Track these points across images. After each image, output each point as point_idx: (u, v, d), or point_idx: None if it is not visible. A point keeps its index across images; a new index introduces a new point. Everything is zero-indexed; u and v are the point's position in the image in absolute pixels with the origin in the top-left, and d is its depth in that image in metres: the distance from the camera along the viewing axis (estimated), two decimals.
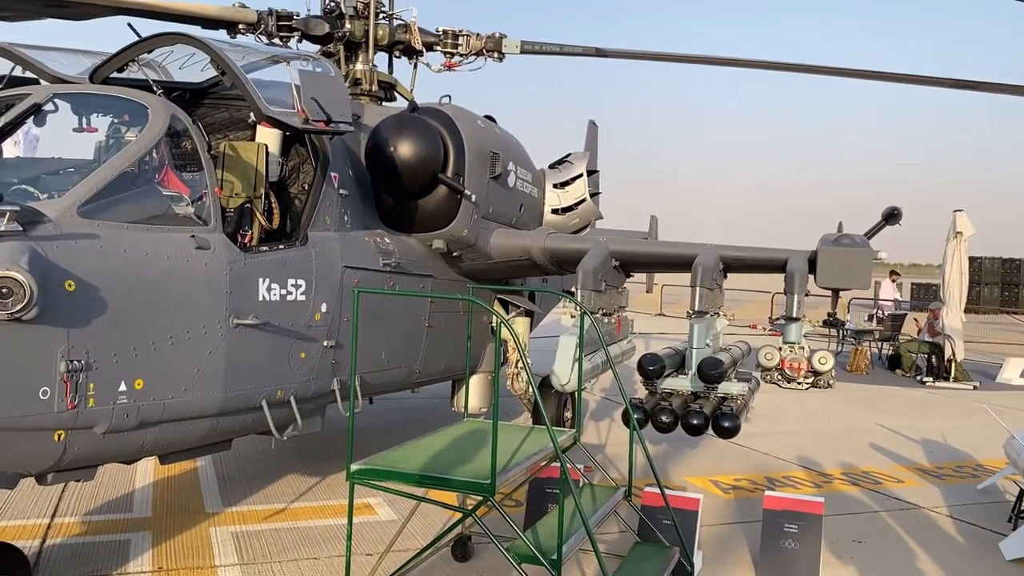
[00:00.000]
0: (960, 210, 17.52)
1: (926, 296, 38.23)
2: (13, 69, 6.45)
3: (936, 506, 8.48)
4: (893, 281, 24.98)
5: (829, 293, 8.64)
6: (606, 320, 8.63)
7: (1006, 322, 34.52)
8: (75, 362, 4.74)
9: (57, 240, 4.73)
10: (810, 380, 7.57)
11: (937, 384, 17.76)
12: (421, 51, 9.58)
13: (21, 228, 4.55)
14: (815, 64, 10.06)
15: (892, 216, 8.19)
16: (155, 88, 6.15)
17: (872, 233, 8.13)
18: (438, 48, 9.68)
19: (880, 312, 22.84)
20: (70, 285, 4.71)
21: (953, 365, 17.92)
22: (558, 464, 5.48)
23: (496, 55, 9.83)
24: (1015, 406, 14.75)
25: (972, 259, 27.22)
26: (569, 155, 10.94)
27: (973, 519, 8.05)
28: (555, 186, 10.35)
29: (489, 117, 9.06)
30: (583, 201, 10.49)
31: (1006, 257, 43.88)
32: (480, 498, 5.22)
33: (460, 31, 9.64)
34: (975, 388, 17.47)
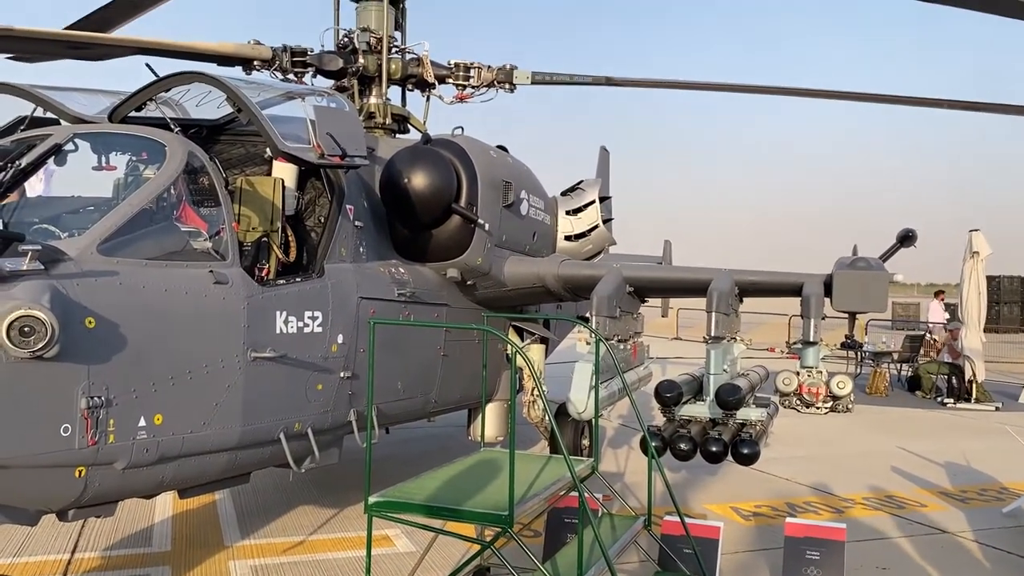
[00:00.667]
0: (976, 230, 17.39)
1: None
2: (35, 110, 6.57)
3: (961, 531, 8.35)
4: (940, 301, 24.51)
5: (846, 316, 8.62)
6: (621, 346, 8.62)
7: None
8: (95, 398, 4.78)
9: (77, 278, 4.80)
10: (829, 404, 7.54)
11: (958, 405, 17.56)
12: (433, 84, 9.67)
13: (43, 266, 4.62)
14: (827, 89, 10.09)
15: (907, 238, 8.15)
16: (172, 126, 6.25)
17: (887, 256, 8.10)
18: (450, 81, 9.78)
19: (930, 334, 22.48)
20: (90, 322, 4.76)
21: (974, 386, 17.71)
22: (576, 494, 5.46)
23: (507, 86, 9.91)
24: None
25: (990, 278, 26.90)
26: (581, 182, 10.99)
27: (999, 544, 7.92)
28: (567, 213, 10.38)
29: (501, 147, 9.13)
30: (596, 227, 10.52)
31: None
32: (498, 529, 5.19)
33: (472, 64, 9.74)
34: (997, 409, 17.25)
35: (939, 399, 18.25)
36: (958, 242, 17.76)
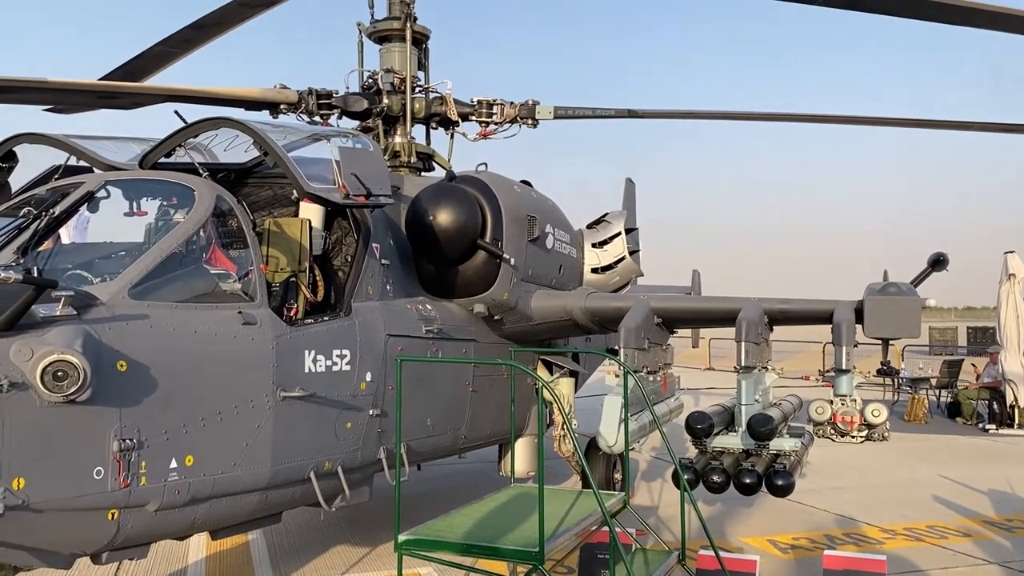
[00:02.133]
0: (1012, 252, 17.13)
1: (983, 340, 37.12)
2: (68, 159, 6.70)
3: (1008, 560, 8.11)
4: None
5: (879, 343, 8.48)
6: (651, 378, 8.54)
7: None
8: (127, 441, 4.82)
9: (109, 322, 4.87)
10: (864, 433, 7.39)
11: (1000, 431, 17.14)
12: (457, 121, 9.77)
13: (75, 312, 4.70)
14: (850, 115, 10.05)
15: (938, 262, 8.04)
16: (201, 171, 6.35)
17: (919, 280, 7.98)
18: (473, 118, 9.87)
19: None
20: (122, 365, 4.82)
21: (1016, 411, 17.29)
22: (610, 529, 5.41)
23: (530, 121, 9.99)
24: None
25: None
26: (606, 214, 11.00)
27: None
28: (593, 246, 10.38)
29: (526, 182, 9.17)
30: (622, 259, 10.50)
31: None
32: (530, 566, 5.15)
33: (494, 100, 9.84)
34: None
35: (980, 425, 17.84)
36: (993, 265, 17.48)
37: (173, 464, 5.10)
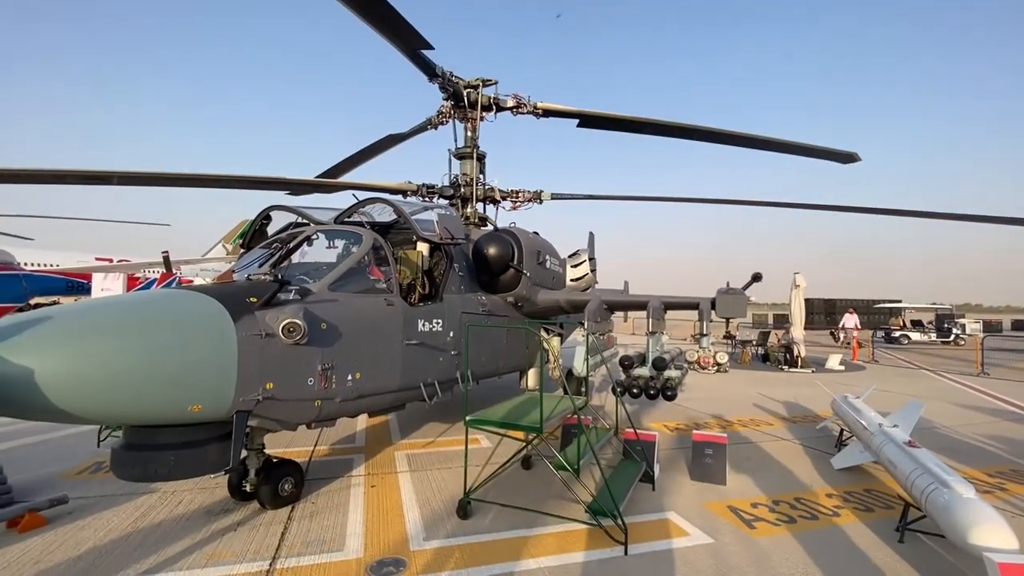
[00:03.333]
0: (798, 272, 16.70)
1: (781, 320, 36.44)
2: (297, 218, 6.78)
3: (792, 438, 7.94)
4: (852, 314, 22.87)
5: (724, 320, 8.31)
6: (601, 337, 8.43)
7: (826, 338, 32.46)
8: (326, 365, 4.86)
9: (317, 302, 4.92)
10: (715, 369, 7.27)
11: (790, 370, 16.72)
12: (499, 200, 9.71)
13: (300, 297, 4.76)
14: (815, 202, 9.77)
15: (757, 277, 7.86)
16: (366, 225, 6.38)
17: (746, 286, 7.80)
18: (508, 199, 9.83)
19: (843, 332, 20.98)
20: (323, 325, 4.87)
21: (799, 359, 16.89)
22: (577, 416, 5.36)
23: (538, 201, 9.93)
24: (835, 382, 13.78)
25: (806, 300, 25.69)
26: (578, 250, 10.90)
27: (813, 445, 7.52)
28: (571, 267, 10.28)
29: (536, 232, 9.11)
30: (586, 275, 10.40)
31: (827, 298, 41.60)
32: (535, 435, 5.13)
33: (519, 190, 9.79)
34: (812, 372, 16.32)
35: (779, 366, 17.43)
36: (788, 278, 17.08)
37: (350, 377, 5.14)
